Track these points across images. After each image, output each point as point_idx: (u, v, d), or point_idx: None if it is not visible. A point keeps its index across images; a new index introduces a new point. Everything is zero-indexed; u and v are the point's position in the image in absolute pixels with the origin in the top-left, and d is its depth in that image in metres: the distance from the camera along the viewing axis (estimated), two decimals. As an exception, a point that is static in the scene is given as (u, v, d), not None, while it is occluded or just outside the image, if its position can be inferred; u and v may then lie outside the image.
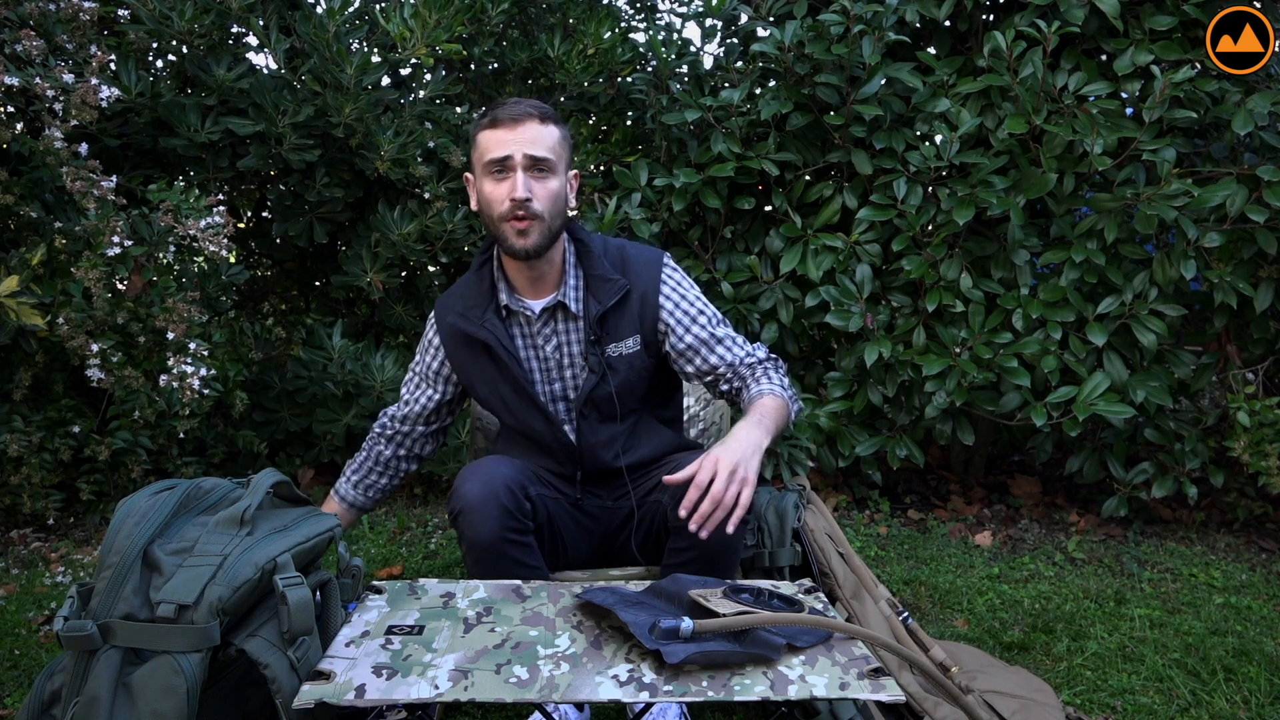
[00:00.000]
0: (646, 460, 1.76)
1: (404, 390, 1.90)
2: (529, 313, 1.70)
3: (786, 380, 1.71)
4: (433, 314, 1.82)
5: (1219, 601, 2.38)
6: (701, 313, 1.73)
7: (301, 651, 1.30)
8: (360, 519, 1.87)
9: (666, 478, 1.46)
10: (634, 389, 1.73)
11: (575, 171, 1.71)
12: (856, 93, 2.74)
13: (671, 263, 1.76)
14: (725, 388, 1.74)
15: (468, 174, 1.70)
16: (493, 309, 1.70)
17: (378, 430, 1.92)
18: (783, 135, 2.91)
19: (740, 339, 1.75)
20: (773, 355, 1.75)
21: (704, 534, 1.39)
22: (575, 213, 1.79)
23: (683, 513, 1.40)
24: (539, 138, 1.59)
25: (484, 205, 1.64)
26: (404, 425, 1.90)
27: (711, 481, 1.40)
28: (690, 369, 1.73)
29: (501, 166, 1.59)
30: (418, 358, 1.87)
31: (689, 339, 1.71)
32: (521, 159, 1.58)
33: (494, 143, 1.59)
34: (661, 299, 1.71)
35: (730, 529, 1.40)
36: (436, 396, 1.86)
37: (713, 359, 1.71)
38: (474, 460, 1.74)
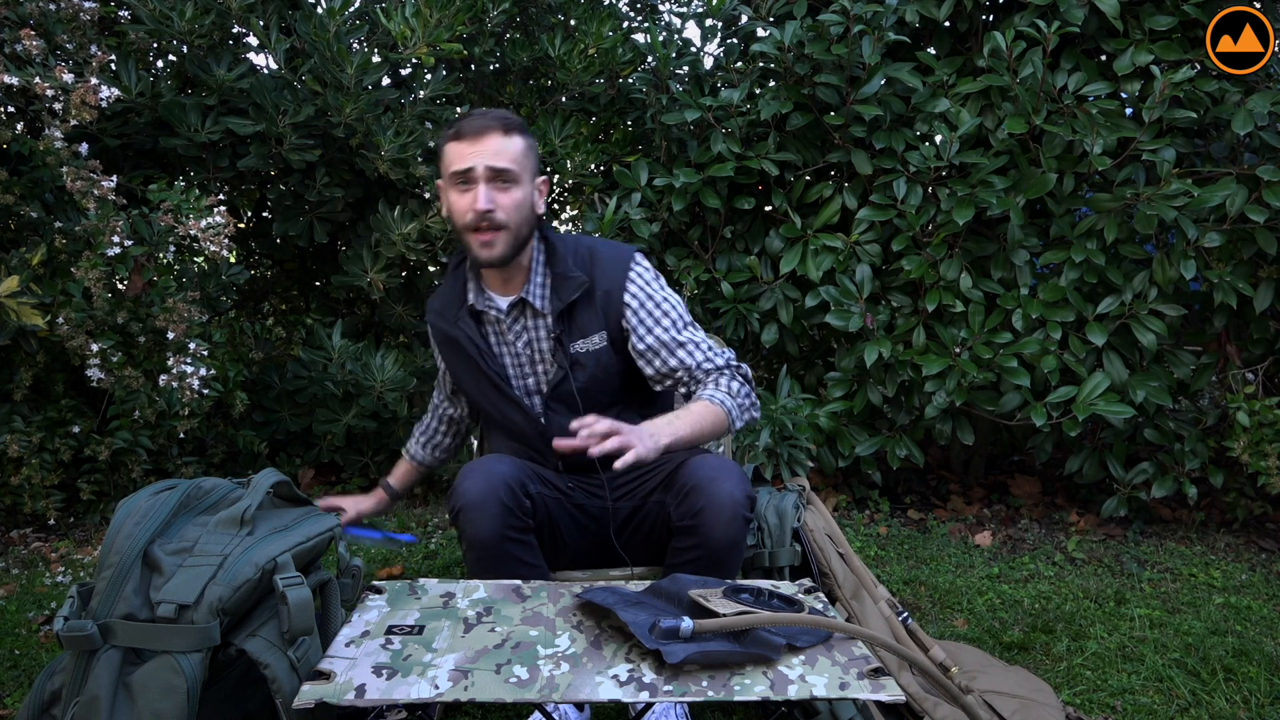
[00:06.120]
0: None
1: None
2: (497, 311, 1.75)
3: (744, 389, 1.71)
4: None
5: (1219, 601, 2.38)
6: (666, 315, 1.73)
7: (301, 651, 1.30)
8: (416, 482, 2.13)
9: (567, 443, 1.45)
10: (603, 384, 1.75)
11: (543, 178, 1.74)
12: (856, 93, 2.74)
13: (642, 261, 1.77)
14: (683, 391, 1.74)
15: (440, 182, 1.73)
16: (465, 309, 1.76)
17: (435, 401, 2.07)
18: (783, 135, 2.91)
19: (705, 343, 1.74)
20: (736, 363, 1.74)
21: (563, 444, 1.44)
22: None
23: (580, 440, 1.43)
24: (502, 149, 1.62)
25: (450, 215, 1.69)
26: (441, 405, 2.04)
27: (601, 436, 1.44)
28: (650, 370, 1.74)
29: (465, 179, 1.63)
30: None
31: (650, 340, 1.72)
32: (484, 171, 1.62)
33: (457, 155, 1.64)
34: (627, 298, 1.72)
35: (594, 452, 1.41)
36: (446, 389, 2.01)
37: (672, 361, 1.72)
38: (472, 460, 1.74)
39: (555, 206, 3.58)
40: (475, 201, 1.62)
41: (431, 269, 3.19)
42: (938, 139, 2.79)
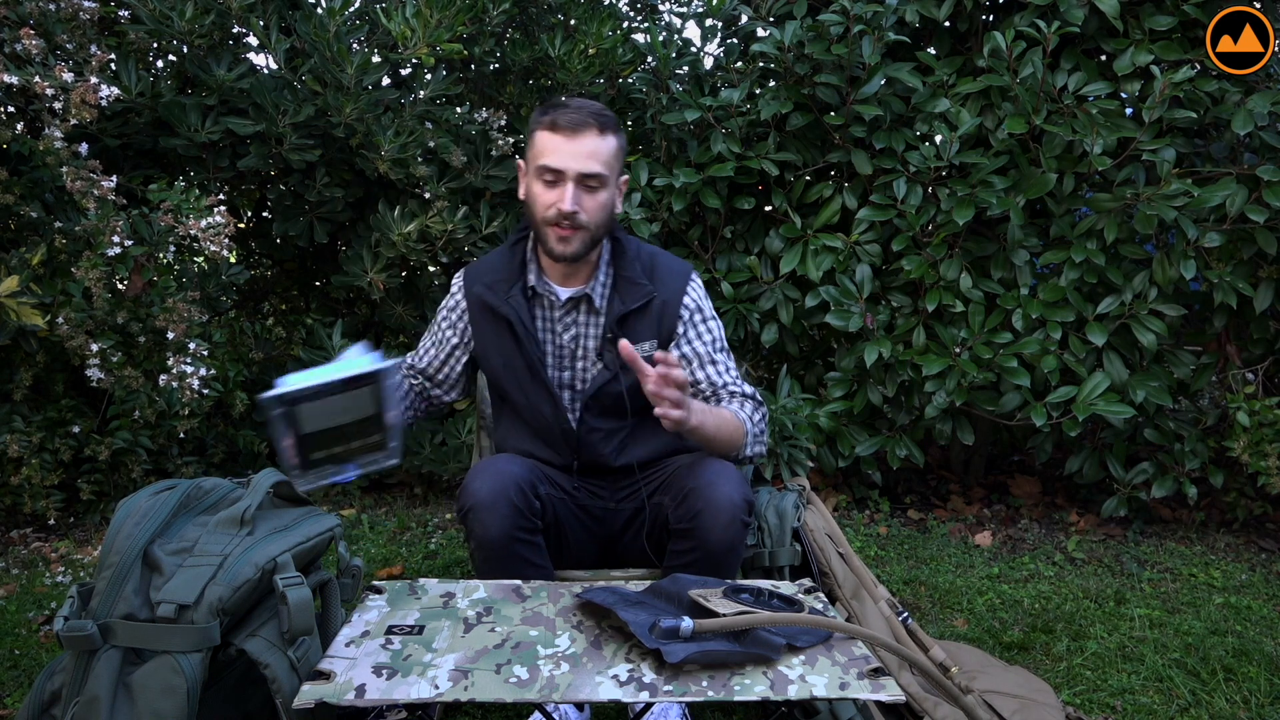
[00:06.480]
0: (646, 460, 1.76)
1: (423, 341, 1.90)
2: (554, 298, 1.73)
3: (762, 422, 1.73)
4: (459, 279, 1.81)
5: (1219, 601, 2.38)
6: (709, 331, 1.76)
7: (301, 651, 1.30)
8: None
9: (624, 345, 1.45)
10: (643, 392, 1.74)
11: (625, 177, 1.73)
12: (856, 93, 2.74)
13: (697, 278, 1.80)
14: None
15: (520, 161, 1.71)
16: (519, 287, 1.72)
17: (405, 371, 1.91)
18: (783, 135, 2.91)
19: (734, 370, 1.77)
20: (759, 398, 1.75)
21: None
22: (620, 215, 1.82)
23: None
24: (596, 151, 1.60)
25: (531, 202, 1.66)
26: (415, 376, 1.90)
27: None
28: None
29: (554, 175, 1.61)
30: (438, 319, 1.85)
31: (686, 349, 1.74)
32: (574, 174, 1.59)
33: (550, 149, 1.60)
34: (681, 309, 1.74)
35: (651, 387, 1.44)
36: (444, 367, 1.86)
37: (700, 374, 1.74)
38: (480, 460, 1.74)
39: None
40: (561, 200, 1.60)
41: (432, 269, 3.19)
42: (938, 139, 2.79)
